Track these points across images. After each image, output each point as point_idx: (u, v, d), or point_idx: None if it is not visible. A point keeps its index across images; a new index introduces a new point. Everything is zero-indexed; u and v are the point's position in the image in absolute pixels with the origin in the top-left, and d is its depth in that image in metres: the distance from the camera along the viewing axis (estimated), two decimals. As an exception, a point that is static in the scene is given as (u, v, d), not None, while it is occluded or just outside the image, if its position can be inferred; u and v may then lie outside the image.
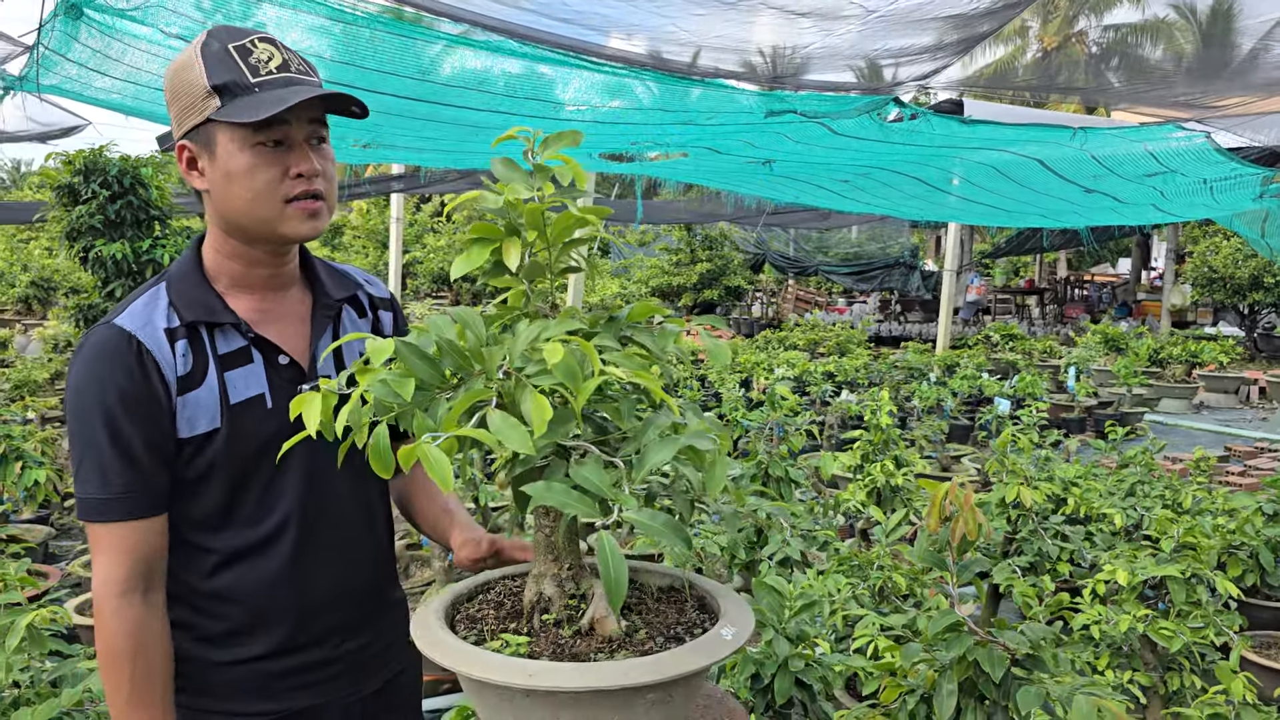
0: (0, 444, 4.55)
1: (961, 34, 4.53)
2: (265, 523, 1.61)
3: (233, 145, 1.50)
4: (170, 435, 1.54)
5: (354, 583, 1.72)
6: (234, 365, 1.58)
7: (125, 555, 1.51)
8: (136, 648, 1.51)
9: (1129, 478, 5.00)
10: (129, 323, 1.54)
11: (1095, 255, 30.65)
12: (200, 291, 1.59)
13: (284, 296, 1.67)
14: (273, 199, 1.52)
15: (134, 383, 1.50)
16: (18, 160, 50.59)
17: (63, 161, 7.17)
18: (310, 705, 1.67)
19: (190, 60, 1.51)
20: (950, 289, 13.27)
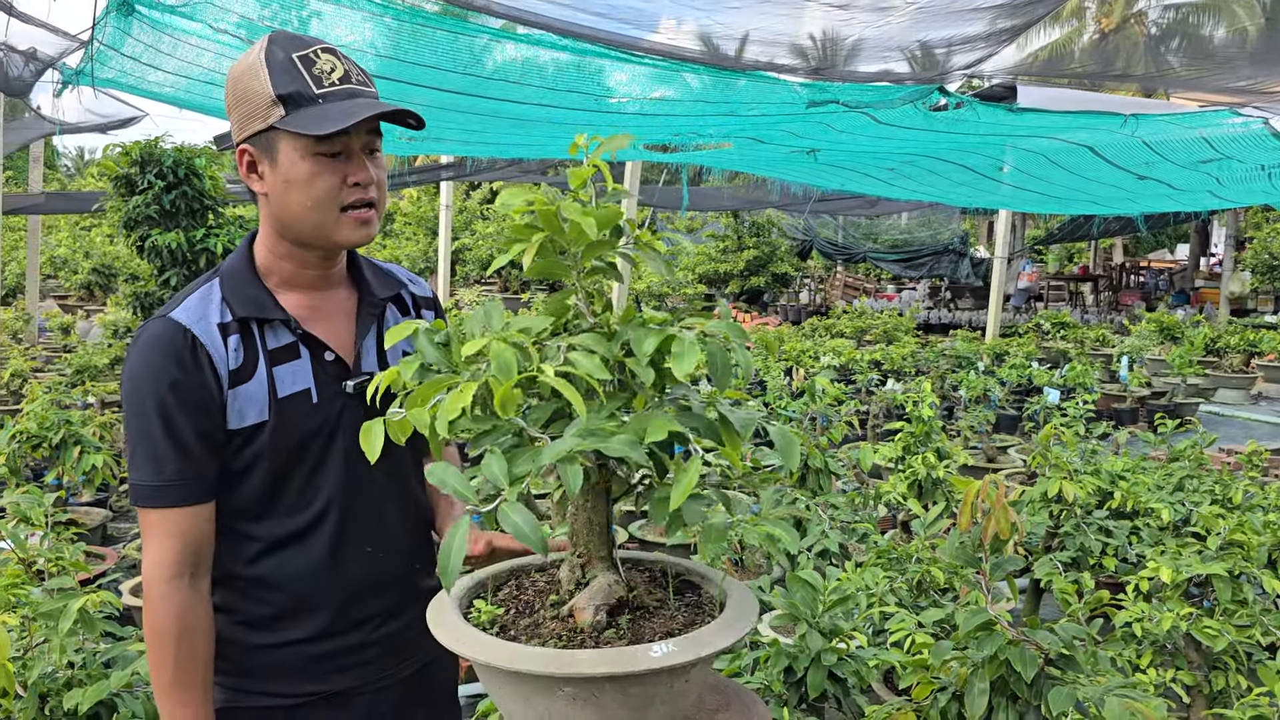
0: (60, 429, 4.69)
1: (1010, 21, 4.47)
2: (306, 512, 1.67)
3: (295, 154, 1.56)
4: (220, 426, 1.59)
5: (390, 570, 1.76)
6: (282, 360, 1.64)
7: (175, 540, 1.57)
8: (182, 630, 1.57)
9: (1178, 471, 4.90)
10: (184, 317, 1.60)
11: (1152, 241, 29.98)
12: (252, 289, 1.65)
13: (331, 295, 1.73)
14: (330, 206, 1.59)
15: (188, 375, 1.56)
16: (81, 148, 51.79)
17: (120, 153, 7.34)
18: (347, 687, 1.72)
19: (255, 67, 1.56)
20: (1001, 276, 13.08)
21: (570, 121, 5.96)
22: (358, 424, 1.53)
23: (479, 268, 23.79)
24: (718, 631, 1.24)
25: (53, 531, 2.76)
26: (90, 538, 5.49)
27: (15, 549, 2.45)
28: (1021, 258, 23.63)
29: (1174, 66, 6.40)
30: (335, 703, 1.72)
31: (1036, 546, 4.19)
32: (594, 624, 1.28)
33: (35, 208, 12.67)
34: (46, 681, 2.14)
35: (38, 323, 14.01)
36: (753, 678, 2.65)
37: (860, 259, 25.66)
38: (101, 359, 10.11)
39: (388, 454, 1.44)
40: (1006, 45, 4.84)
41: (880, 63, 5.05)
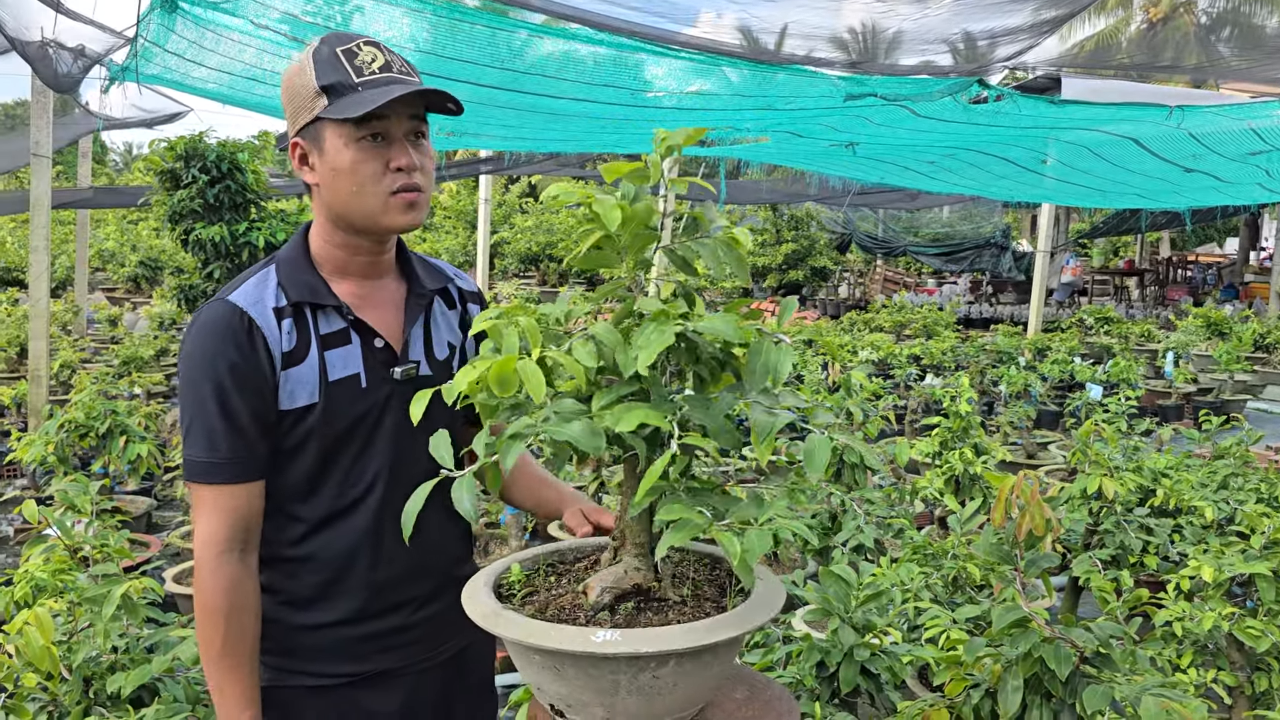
0: (106, 419, 4.78)
1: (1053, 12, 4.40)
2: (350, 495, 1.72)
3: (339, 141, 1.61)
4: (273, 407, 1.65)
5: (430, 555, 1.80)
6: (334, 345, 1.69)
7: (226, 516, 1.63)
8: (231, 604, 1.63)
9: (1222, 469, 4.81)
10: (241, 300, 1.66)
11: (1201, 235, 29.39)
12: (307, 275, 1.71)
13: (381, 284, 1.78)
14: (375, 191, 1.63)
15: (243, 356, 1.62)
16: (129, 143, 52.79)
17: (165, 148, 7.46)
18: (387, 668, 1.77)
19: (304, 65, 1.63)
20: (1043, 270, 12.89)
21: (607, 116, 5.96)
22: (404, 409, 1.60)
23: (518, 261, 23.90)
24: (680, 634, 1.25)
25: (98, 519, 2.82)
26: (135, 525, 5.61)
27: (62, 536, 2.51)
28: (1065, 252, 23.30)
29: (1224, 56, 6.27)
30: (375, 683, 1.77)
31: (1076, 544, 4.14)
32: (594, 604, 1.33)
33: (83, 202, 12.91)
34: (91, 665, 2.19)
35: (86, 315, 14.30)
36: (785, 672, 2.65)
37: (900, 253, 25.43)
38: (147, 350, 10.30)
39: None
40: (1048, 36, 4.76)
41: (920, 55, 5.00)
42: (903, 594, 3.14)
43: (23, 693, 2.08)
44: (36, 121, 6.25)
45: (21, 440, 4.81)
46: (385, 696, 1.78)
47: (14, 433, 5.09)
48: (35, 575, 2.35)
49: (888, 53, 4.76)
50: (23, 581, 2.35)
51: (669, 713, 1.28)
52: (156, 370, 10.70)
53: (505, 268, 24.23)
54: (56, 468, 4.70)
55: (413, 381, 1.74)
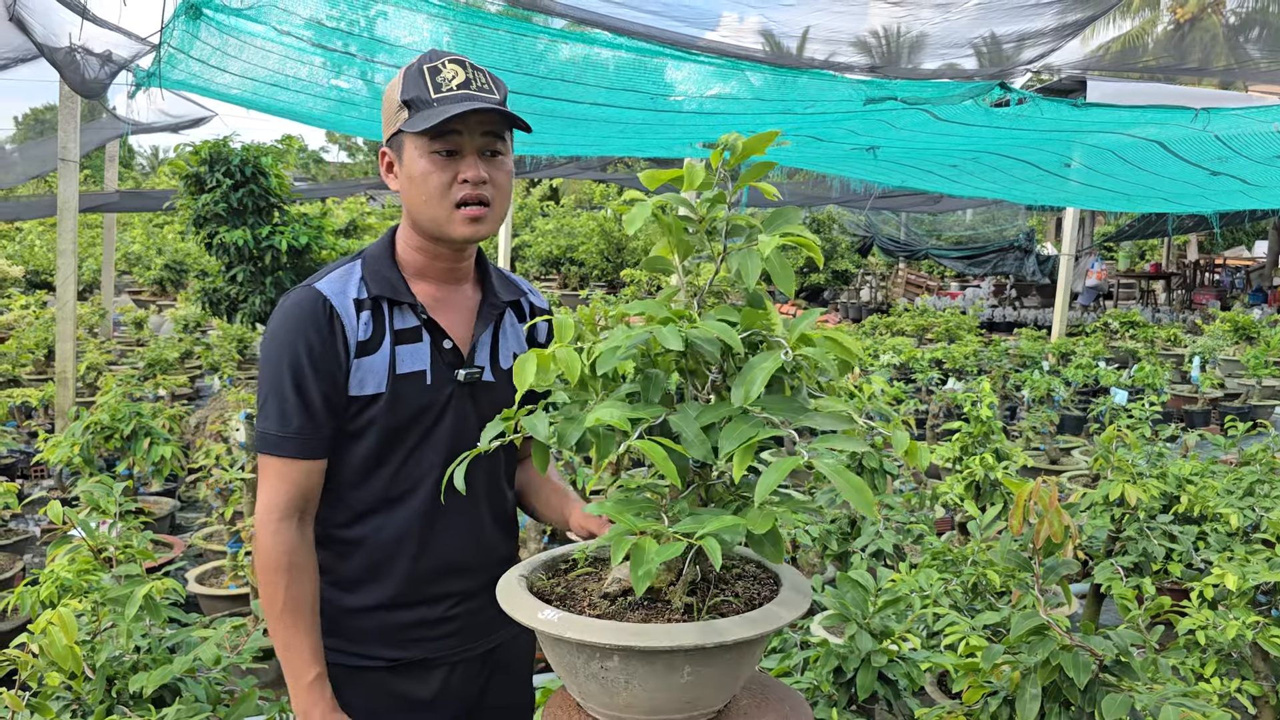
0: (131, 421, 4.83)
1: (1077, 15, 4.37)
2: (403, 485, 1.81)
3: (415, 152, 1.71)
4: (343, 391, 1.75)
5: (473, 553, 1.88)
6: (405, 341, 1.79)
7: (288, 486, 1.74)
8: (290, 564, 1.73)
9: (1248, 476, 4.76)
10: (325, 288, 1.77)
11: (1229, 238, 29.07)
12: (389, 272, 1.81)
13: (457, 290, 1.88)
14: (443, 202, 1.73)
15: (321, 339, 1.72)
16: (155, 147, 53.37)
17: (190, 152, 7.53)
18: (425, 657, 1.86)
19: (397, 80, 1.74)
20: (1067, 273, 12.80)
21: (627, 120, 5.97)
22: (463, 411, 1.81)
23: (539, 264, 23.96)
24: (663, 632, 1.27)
25: (122, 520, 2.84)
26: (158, 527, 5.66)
27: (86, 537, 2.54)
28: (1090, 255, 23.09)
29: (1254, 57, 6.20)
30: (412, 670, 1.85)
31: (1098, 551, 4.10)
32: (605, 594, 1.39)
33: (110, 205, 13.06)
34: (114, 664, 2.21)
35: (112, 317, 14.44)
36: (802, 678, 2.64)
37: (922, 256, 25.31)
38: (172, 353, 10.40)
39: (486, 453, 1.63)
40: (1072, 39, 4.73)
41: (943, 59, 4.98)
42: (922, 600, 3.12)
43: (47, 691, 2.11)
44: (64, 126, 6.32)
45: (48, 442, 4.87)
46: (420, 684, 1.85)
47: (41, 434, 5.15)
48: (60, 576, 2.38)
49: (910, 56, 4.74)
50: (48, 582, 2.38)
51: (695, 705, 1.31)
52: (181, 372, 10.81)
53: (526, 271, 24.31)
54: (82, 469, 4.75)
55: (475, 385, 1.84)
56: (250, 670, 2.84)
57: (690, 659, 1.24)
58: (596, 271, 22.87)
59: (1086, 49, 6.11)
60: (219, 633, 2.38)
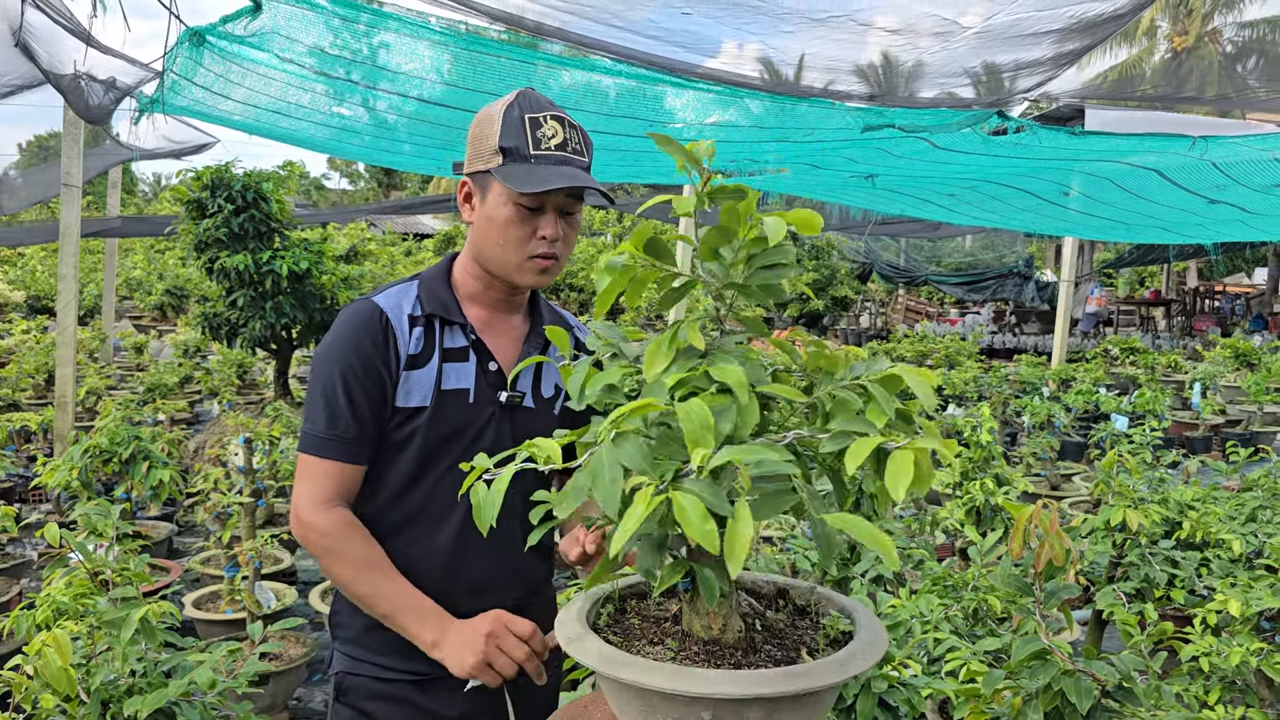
0: (130, 445, 4.82)
1: (1074, 45, 4.41)
2: (439, 501, 1.85)
3: (500, 198, 1.79)
4: (391, 400, 1.81)
5: (502, 575, 1.92)
6: (453, 359, 1.86)
7: (328, 483, 1.79)
8: (351, 533, 1.77)
9: (1250, 502, 4.74)
10: (383, 301, 1.85)
11: (1229, 265, 29.13)
12: (444, 292, 1.90)
13: (508, 318, 1.96)
14: (518, 251, 1.81)
15: (375, 348, 1.80)
16: (158, 174, 53.68)
17: (192, 177, 7.57)
18: (447, 674, 1.81)
19: (494, 117, 1.80)
20: (1067, 300, 12.82)
21: (626, 148, 6.01)
22: (501, 433, 1.88)
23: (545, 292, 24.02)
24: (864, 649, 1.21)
25: (119, 543, 2.84)
26: (156, 551, 5.64)
27: (83, 559, 2.53)
28: (1090, 281, 23.14)
29: (1250, 86, 6.24)
30: (437, 686, 1.85)
31: (1099, 577, 4.08)
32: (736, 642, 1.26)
33: (112, 231, 13.11)
34: (109, 688, 2.19)
35: (113, 342, 14.46)
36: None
37: (921, 282, 25.36)
38: (172, 377, 10.40)
39: (521, 472, 1.60)
40: (1069, 68, 4.77)
41: (941, 87, 5.01)
42: (922, 625, 3.10)
43: (41, 714, 2.09)
44: (68, 152, 6.36)
45: (47, 465, 4.86)
46: (445, 700, 1.87)
47: (40, 458, 5.14)
48: (57, 599, 2.37)
49: (908, 85, 4.78)
50: (44, 605, 2.37)
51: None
52: (181, 397, 10.80)
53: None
54: (80, 493, 4.73)
55: (515, 409, 1.90)
56: (246, 695, 2.83)
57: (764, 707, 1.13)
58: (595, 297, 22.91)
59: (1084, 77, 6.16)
60: (215, 656, 2.37)
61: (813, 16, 4.14)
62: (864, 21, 4.26)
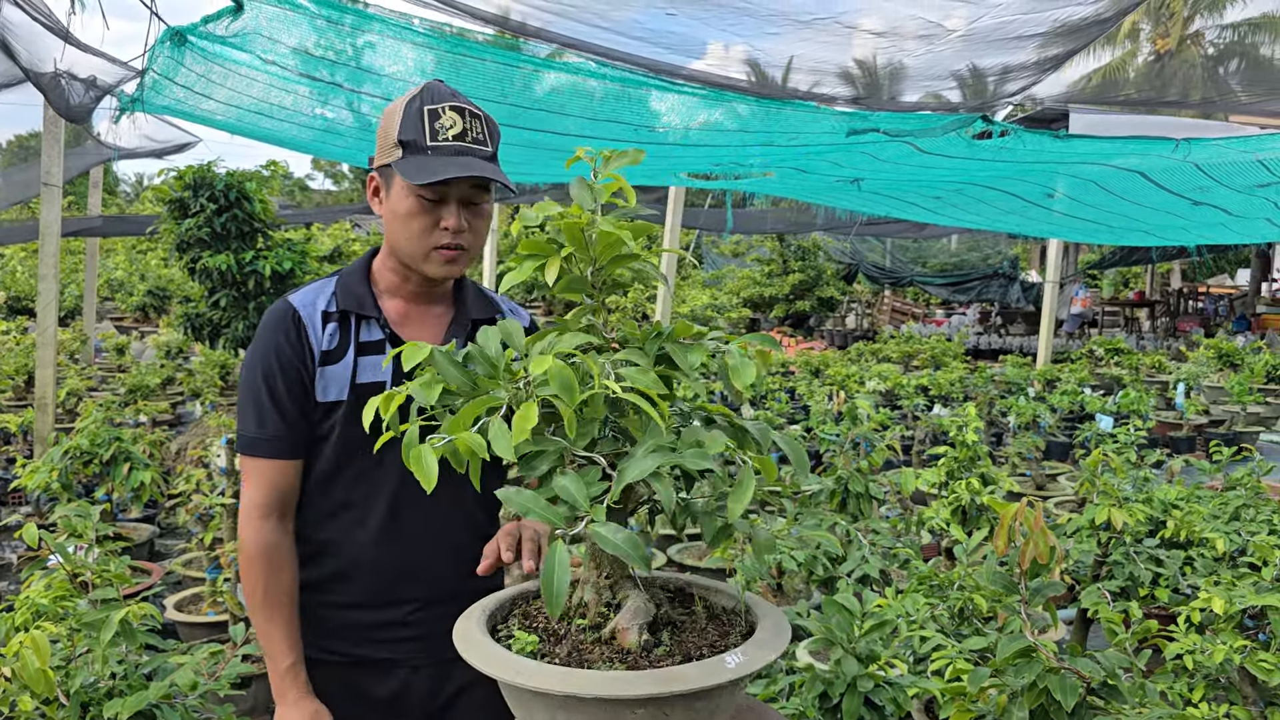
0: (111, 446, 4.78)
1: (1058, 49, 4.41)
2: (364, 491, 1.90)
3: (402, 191, 1.82)
4: (311, 396, 1.87)
5: (435, 562, 1.94)
6: (369, 352, 1.90)
7: (266, 485, 1.86)
8: (268, 559, 1.85)
9: (1234, 500, 4.77)
10: (297, 300, 1.90)
11: (1212, 266, 29.34)
12: (359, 288, 1.93)
13: (429, 308, 1.98)
14: (422, 243, 1.84)
15: (291, 346, 1.85)
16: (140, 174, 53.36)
17: (173, 177, 7.52)
18: (385, 658, 1.94)
19: (396, 111, 1.81)
20: (1052, 301, 12.88)
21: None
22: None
23: (524, 291, 23.97)
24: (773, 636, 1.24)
25: (99, 545, 2.80)
26: (137, 553, 5.59)
27: (63, 561, 2.50)
28: (1075, 283, 23.27)
29: (1232, 89, 6.27)
30: (377, 670, 1.93)
31: (1084, 575, 4.10)
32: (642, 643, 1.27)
33: (93, 230, 13.02)
34: (88, 691, 2.17)
35: (94, 343, 14.35)
36: (788, 703, 2.61)
37: (907, 283, 25.45)
38: (154, 379, 10.32)
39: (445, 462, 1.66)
40: (1053, 73, 4.78)
41: (925, 91, 5.01)
42: (908, 625, 3.10)
43: (20, 716, 2.07)
44: (48, 151, 6.30)
45: (26, 467, 4.81)
46: (379, 683, 1.93)
47: (19, 460, 5.09)
48: (36, 601, 2.34)
49: (892, 88, 4.77)
50: (23, 608, 2.34)
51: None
52: (163, 398, 10.73)
53: (511, 296, 24.31)
54: (60, 494, 4.69)
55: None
56: (228, 697, 2.80)
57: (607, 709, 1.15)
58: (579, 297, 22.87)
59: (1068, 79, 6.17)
60: (196, 658, 2.35)
61: (798, 19, 4.14)
62: (849, 24, 4.26)
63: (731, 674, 1.16)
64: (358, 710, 1.92)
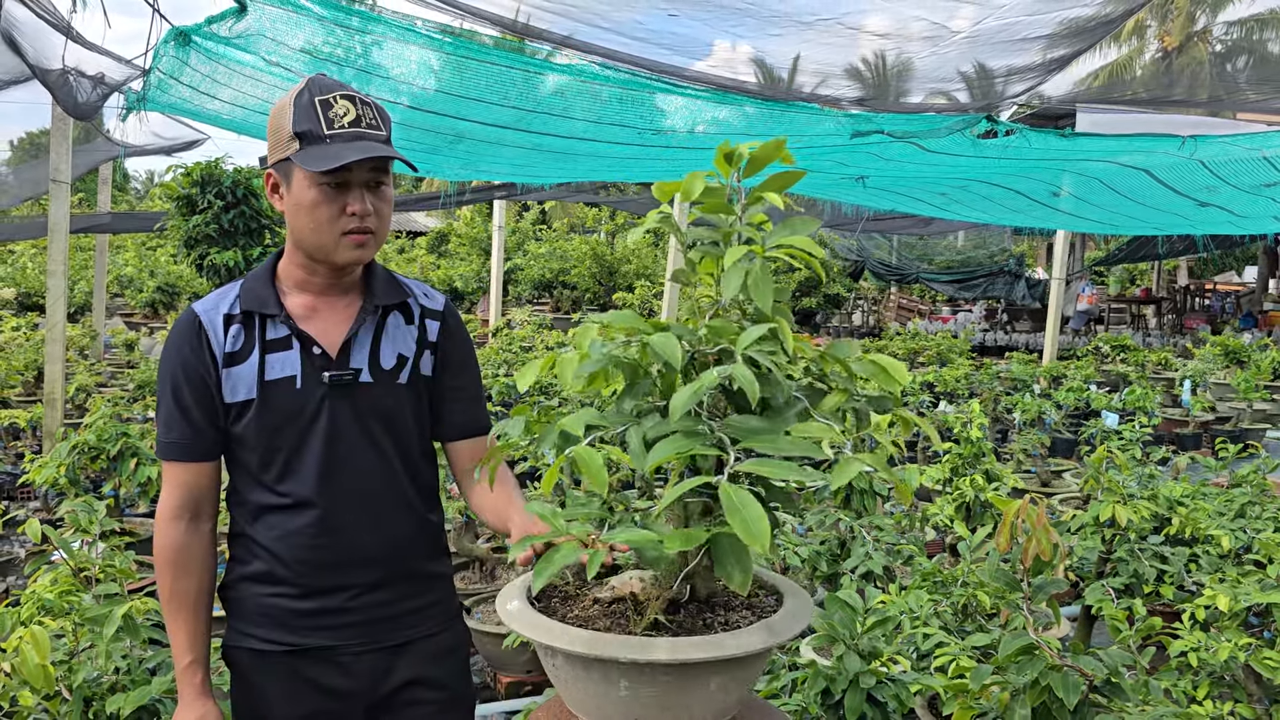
0: (118, 441, 4.80)
1: (1062, 50, 4.40)
2: (291, 484, 1.91)
3: (304, 182, 1.82)
4: (218, 398, 1.89)
5: (373, 546, 1.96)
6: (275, 350, 1.91)
7: (177, 488, 1.91)
8: (175, 560, 1.90)
9: (1239, 498, 4.75)
10: (199, 306, 1.94)
11: (1219, 263, 29.22)
12: (263, 289, 1.93)
13: (336, 300, 1.97)
14: (330, 230, 1.85)
15: (193, 353, 1.89)
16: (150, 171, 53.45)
17: (182, 174, 7.54)
18: (324, 645, 1.94)
19: (286, 107, 1.84)
20: (1058, 298, 12.84)
21: (614, 155, 5.99)
22: (338, 411, 1.91)
23: (531, 288, 23.99)
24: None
25: (104, 540, 2.82)
26: (143, 548, 5.60)
27: (67, 556, 2.51)
28: (1080, 279, 23.19)
29: (1240, 86, 6.25)
30: (316, 657, 1.94)
31: (1089, 572, 4.09)
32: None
33: (102, 227, 13.04)
34: (91, 685, 2.18)
35: (103, 339, 14.39)
36: (790, 700, 2.61)
37: (912, 280, 25.38)
38: (162, 375, 10.33)
39: (374, 442, 1.93)
40: (1058, 74, 4.76)
41: (930, 92, 5.00)
42: (911, 621, 3.10)
43: (21, 712, 2.08)
44: (56, 148, 6.32)
45: (34, 463, 4.83)
46: (323, 670, 1.94)
47: (28, 455, 5.11)
48: (41, 596, 2.35)
49: (897, 89, 4.76)
50: (29, 602, 2.35)
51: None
52: (171, 395, 10.72)
53: (519, 294, 24.30)
54: (67, 489, 4.71)
55: (352, 386, 1.93)
56: (232, 693, 2.80)
57: (625, 674, 1.25)
58: (589, 295, 22.88)
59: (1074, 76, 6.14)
60: (200, 654, 2.35)
61: (800, 20, 4.12)
62: (853, 25, 4.24)
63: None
64: (305, 699, 1.94)
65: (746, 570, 1.24)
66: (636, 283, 20.36)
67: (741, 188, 1.38)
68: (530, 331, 14.50)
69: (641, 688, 1.24)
